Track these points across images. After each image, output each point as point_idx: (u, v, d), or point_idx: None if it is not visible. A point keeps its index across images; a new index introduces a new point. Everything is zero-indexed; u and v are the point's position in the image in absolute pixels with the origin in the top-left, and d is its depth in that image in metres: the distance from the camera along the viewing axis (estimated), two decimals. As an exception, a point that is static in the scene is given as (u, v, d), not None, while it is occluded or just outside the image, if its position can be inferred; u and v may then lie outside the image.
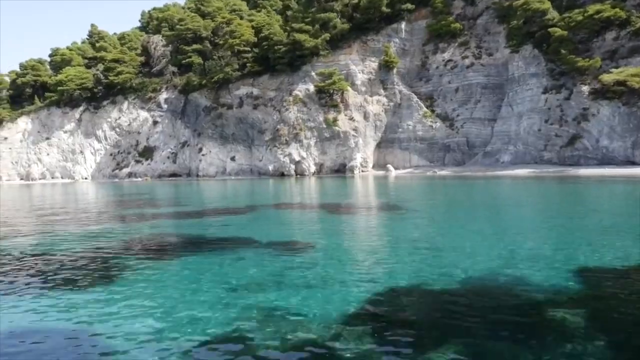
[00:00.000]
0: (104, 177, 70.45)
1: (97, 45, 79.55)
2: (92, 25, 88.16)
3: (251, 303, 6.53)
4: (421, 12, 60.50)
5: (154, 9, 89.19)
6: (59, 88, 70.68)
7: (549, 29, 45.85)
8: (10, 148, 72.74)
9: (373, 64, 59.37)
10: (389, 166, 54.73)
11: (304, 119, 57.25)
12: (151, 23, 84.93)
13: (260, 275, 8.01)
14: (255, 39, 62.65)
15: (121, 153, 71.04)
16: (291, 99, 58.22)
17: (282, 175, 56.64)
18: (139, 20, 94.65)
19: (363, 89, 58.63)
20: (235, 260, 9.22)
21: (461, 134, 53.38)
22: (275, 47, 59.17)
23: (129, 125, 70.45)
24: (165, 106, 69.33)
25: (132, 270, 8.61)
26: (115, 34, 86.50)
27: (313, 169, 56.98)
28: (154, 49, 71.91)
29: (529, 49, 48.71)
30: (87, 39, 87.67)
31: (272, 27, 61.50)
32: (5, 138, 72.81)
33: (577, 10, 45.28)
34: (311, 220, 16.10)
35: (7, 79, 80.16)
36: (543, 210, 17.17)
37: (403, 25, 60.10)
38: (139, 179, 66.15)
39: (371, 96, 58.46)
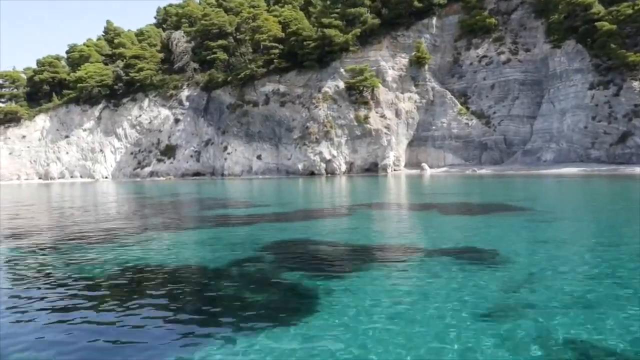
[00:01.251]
0: (124, 176, 69.02)
1: (115, 41, 78.04)
2: (108, 21, 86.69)
3: (542, 335, 5.00)
4: (452, 7, 59.23)
5: (171, 5, 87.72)
6: (78, 85, 69.22)
7: (596, 23, 44.35)
8: (28, 147, 71.26)
9: (403, 60, 57.99)
10: (424, 165, 53.25)
11: (334, 116, 55.79)
12: (169, 19, 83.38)
13: (497, 293, 6.53)
14: (283, 34, 61.15)
15: (142, 152, 69.58)
16: (320, 96, 56.74)
17: (312, 174, 55.17)
18: (155, 17, 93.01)
19: (394, 85, 57.19)
20: (429, 275, 7.67)
21: (498, 132, 51.88)
22: (304, 43, 57.69)
23: (149, 123, 69.00)
24: (187, 103, 67.92)
25: (316, 291, 6.82)
26: (130, 30, 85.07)
27: (344, 167, 55.55)
28: (176, 45, 70.36)
29: (572, 44, 47.23)
30: (103, 35, 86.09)
31: (301, 22, 60.01)
32: (24, 136, 71.35)
33: (625, 4, 43.82)
34: (441, 222, 14.45)
35: (24, 76, 78.57)
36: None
37: (434, 20, 58.85)
38: (162, 178, 64.75)
39: (402, 93, 57.02)
